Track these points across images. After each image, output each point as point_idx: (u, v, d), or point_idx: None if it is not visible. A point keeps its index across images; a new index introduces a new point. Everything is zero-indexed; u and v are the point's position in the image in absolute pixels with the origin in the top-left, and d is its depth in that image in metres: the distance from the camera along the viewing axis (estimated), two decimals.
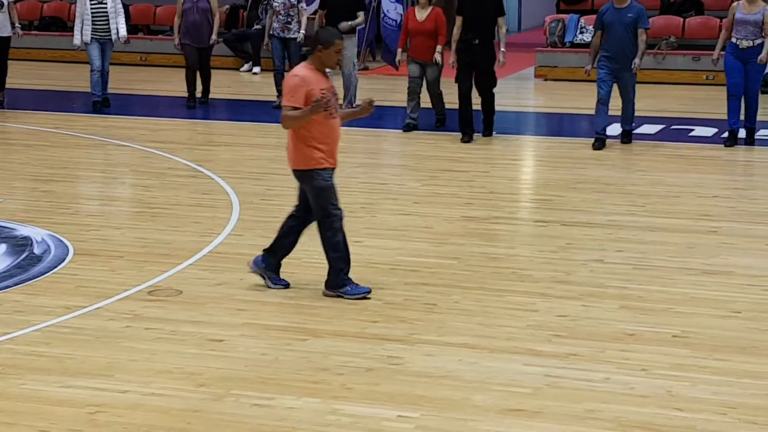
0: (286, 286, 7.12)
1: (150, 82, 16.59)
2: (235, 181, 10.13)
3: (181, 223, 8.81)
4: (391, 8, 16.57)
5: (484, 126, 12.11)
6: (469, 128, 11.93)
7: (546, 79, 16.55)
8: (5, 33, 13.65)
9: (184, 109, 14.09)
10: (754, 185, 10.12)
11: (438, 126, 12.65)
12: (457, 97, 11.93)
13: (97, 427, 5.20)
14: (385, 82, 16.38)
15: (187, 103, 14.11)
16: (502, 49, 11.83)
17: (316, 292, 7.11)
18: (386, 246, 8.16)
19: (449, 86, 12.39)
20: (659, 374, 5.76)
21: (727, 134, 11.53)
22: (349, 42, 12.83)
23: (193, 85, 14.05)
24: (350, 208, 9.29)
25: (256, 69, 17.39)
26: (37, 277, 7.46)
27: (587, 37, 15.93)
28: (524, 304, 6.85)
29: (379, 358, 6.00)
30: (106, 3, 13.51)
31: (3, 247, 8.14)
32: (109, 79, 14.06)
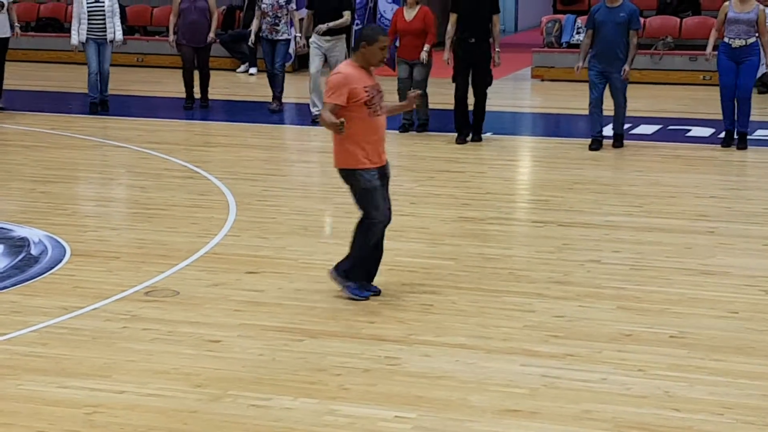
0: (376, 293, 6.94)
1: (147, 83, 16.58)
2: (232, 182, 10.13)
3: (178, 224, 8.80)
4: (388, 9, 16.57)
5: (474, 130, 11.94)
6: (466, 128, 11.92)
7: (543, 80, 16.56)
8: (4, 34, 13.63)
9: (181, 110, 14.07)
10: (750, 185, 10.13)
11: (419, 131, 12.36)
12: (453, 97, 11.91)
13: (94, 427, 5.20)
14: (382, 82, 16.33)
15: (185, 104, 14.07)
16: (497, 49, 11.77)
17: (312, 293, 7.11)
18: (383, 246, 8.14)
19: (444, 86, 12.38)
20: (656, 375, 5.76)
21: (723, 134, 11.51)
22: (336, 43, 12.69)
23: (190, 86, 14.02)
24: (346, 209, 9.30)
25: (253, 70, 17.38)
26: (34, 278, 7.46)
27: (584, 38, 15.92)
28: (521, 305, 6.85)
29: (376, 359, 6.00)
30: (103, 2, 13.49)
31: (0, 248, 8.13)
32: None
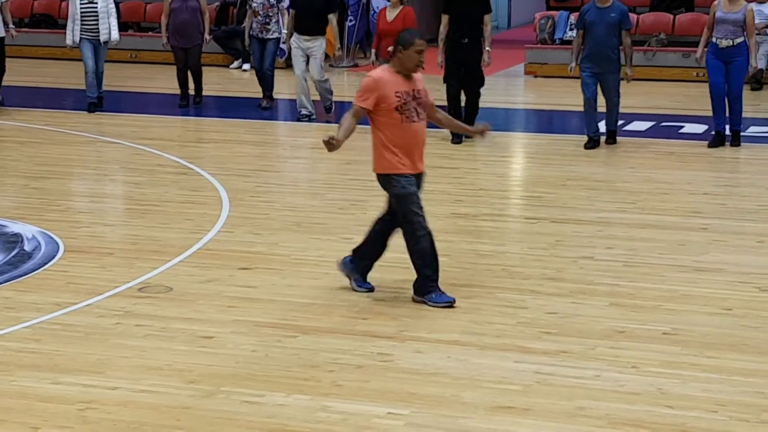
0: (369, 290, 6.95)
1: (140, 79, 16.55)
2: (225, 178, 10.11)
3: (171, 220, 8.79)
4: (381, 5, 16.55)
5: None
6: None
7: (536, 76, 16.56)
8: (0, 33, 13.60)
9: (175, 106, 14.05)
10: (744, 182, 10.14)
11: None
12: (445, 94, 11.89)
13: (87, 423, 5.19)
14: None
15: (179, 102, 14.02)
16: (487, 48, 11.73)
17: (305, 290, 7.10)
18: None
19: (435, 83, 12.38)
20: (650, 371, 5.77)
21: (714, 134, 11.45)
22: (316, 42, 12.59)
23: (185, 86, 13.98)
24: (340, 205, 9.31)
25: (246, 66, 17.35)
26: (27, 274, 7.45)
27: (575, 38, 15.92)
28: (514, 301, 6.86)
29: (369, 355, 6.00)
30: (96, 2, 13.40)
31: None
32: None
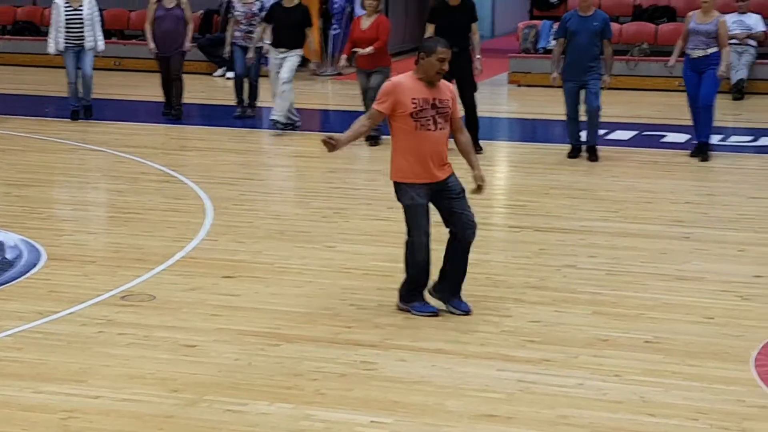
0: (466, 312, 6.71)
1: (124, 86, 16.52)
2: (209, 186, 10.10)
3: (154, 228, 8.77)
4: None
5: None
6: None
7: (519, 85, 16.61)
8: None
9: (158, 114, 14.01)
10: (725, 191, 10.18)
11: (371, 144, 11.92)
12: None
13: None
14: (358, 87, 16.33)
15: (164, 110, 13.95)
16: (478, 56, 11.75)
17: (289, 298, 7.10)
18: (360, 251, 8.16)
19: None
20: (632, 380, 5.79)
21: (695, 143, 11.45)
22: (289, 54, 12.49)
23: (168, 94, 13.91)
24: (324, 213, 9.31)
25: (230, 74, 17.33)
26: (9, 282, 7.41)
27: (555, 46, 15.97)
28: (498, 310, 6.87)
29: (353, 364, 6.00)
30: (81, 11, 13.31)
31: None
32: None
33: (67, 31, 13.25)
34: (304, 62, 13.07)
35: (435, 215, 6.71)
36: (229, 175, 10.73)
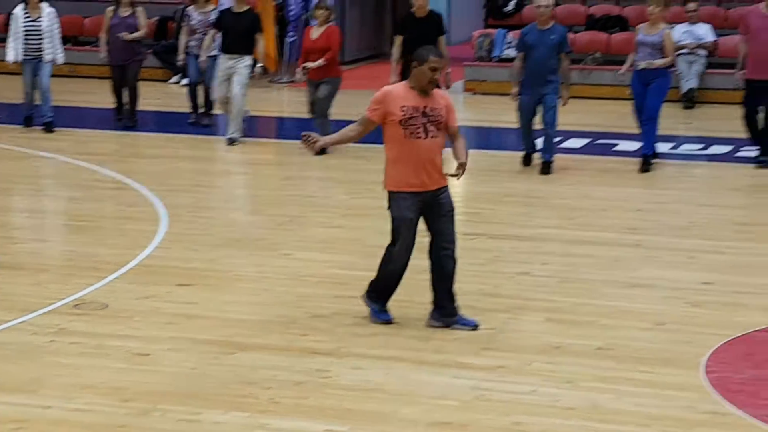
0: (470, 325, 6.66)
1: (78, 93, 16.37)
2: (163, 194, 10.04)
3: (108, 236, 8.71)
4: None
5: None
6: None
7: (475, 93, 16.68)
8: None
9: (112, 120, 13.89)
10: (676, 199, 10.29)
11: (317, 153, 11.97)
12: None
13: None
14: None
15: (116, 116, 13.81)
16: (448, 71, 11.71)
17: (244, 306, 7.08)
18: (315, 259, 8.16)
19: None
20: (585, 386, 5.84)
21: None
22: (240, 61, 12.37)
23: (119, 100, 13.74)
24: (279, 221, 9.30)
25: (185, 81, 17.25)
26: None
27: (514, 52, 16.06)
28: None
29: (308, 372, 5.99)
30: (40, 22, 13.12)
31: None
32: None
33: (26, 43, 12.99)
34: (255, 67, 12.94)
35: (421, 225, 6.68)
36: (184, 183, 10.68)
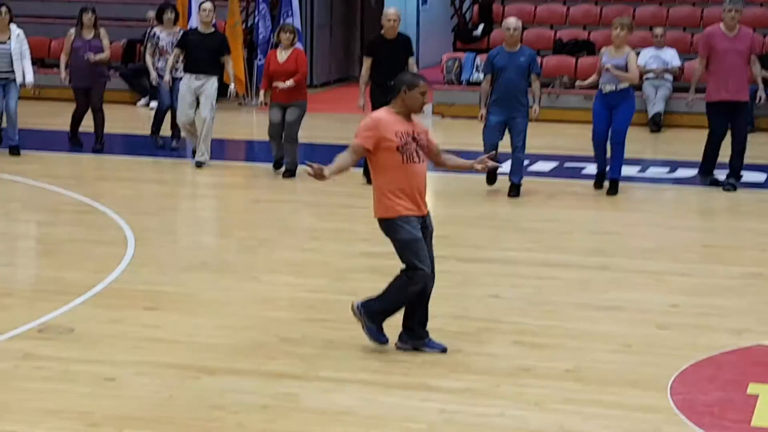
0: (438, 349, 6.66)
1: (44, 116, 16.29)
2: (130, 217, 9.99)
3: (74, 260, 8.65)
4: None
5: None
6: None
7: (443, 117, 16.75)
8: None
9: (79, 143, 13.77)
10: (643, 222, 10.36)
11: (286, 176, 11.75)
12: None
13: None
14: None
15: (70, 140, 13.68)
16: None
17: (211, 329, 7.05)
18: (284, 282, 8.14)
19: (348, 122, 12.45)
20: (552, 408, 5.85)
21: (596, 175, 11.51)
22: (207, 82, 12.32)
23: (77, 124, 13.57)
24: (248, 244, 9.27)
25: (153, 104, 17.21)
26: None
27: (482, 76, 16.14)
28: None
29: (276, 395, 5.97)
30: (8, 44, 13.00)
31: None
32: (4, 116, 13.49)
33: None
34: (224, 89, 12.87)
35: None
36: (152, 206, 10.64)
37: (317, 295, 7.78)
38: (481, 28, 18.00)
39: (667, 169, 12.69)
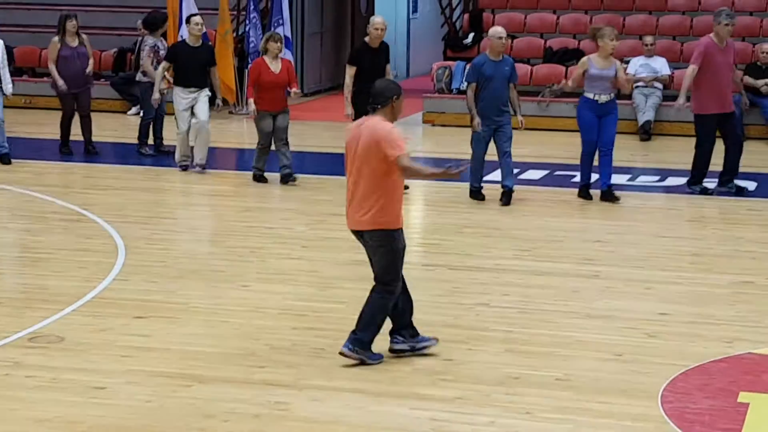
0: (431, 342, 6.77)
1: (34, 125, 16.26)
2: (121, 226, 9.98)
3: (64, 268, 8.63)
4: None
5: None
6: None
7: (433, 125, 16.76)
8: None
9: (59, 152, 13.73)
10: (633, 230, 10.38)
11: (284, 182, 11.79)
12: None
13: None
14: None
15: (61, 149, 13.70)
16: None
17: (202, 338, 7.03)
18: (274, 290, 8.13)
19: (337, 130, 12.45)
20: (543, 417, 5.85)
21: (581, 186, 11.47)
22: (200, 94, 12.36)
23: (68, 130, 13.63)
24: (238, 253, 9.26)
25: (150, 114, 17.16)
26: None
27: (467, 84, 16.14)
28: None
29: (266, 404, 5.96)
30: None
31: None
32: None
33: None
34: (211, 100, 12.91)
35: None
36: (142, 214, 10.62)
37: (307, 304, 7.78)
38: (471, 37, 18.03)
39: (657, 178, 12.72)
